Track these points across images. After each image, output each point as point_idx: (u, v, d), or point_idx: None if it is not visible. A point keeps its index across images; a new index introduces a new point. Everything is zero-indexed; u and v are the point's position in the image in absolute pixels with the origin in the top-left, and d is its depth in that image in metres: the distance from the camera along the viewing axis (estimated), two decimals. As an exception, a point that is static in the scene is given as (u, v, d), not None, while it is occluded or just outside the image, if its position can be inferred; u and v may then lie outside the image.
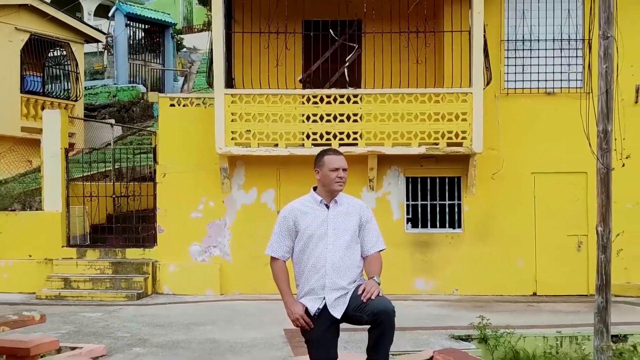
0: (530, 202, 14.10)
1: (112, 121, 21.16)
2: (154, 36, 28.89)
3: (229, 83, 13.94)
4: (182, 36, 34.39)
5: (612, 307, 13.00)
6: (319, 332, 4.89)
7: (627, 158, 13.93)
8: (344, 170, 5.17)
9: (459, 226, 14.29)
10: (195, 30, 38.29)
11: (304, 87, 14.25)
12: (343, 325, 5.07)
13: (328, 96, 13.53)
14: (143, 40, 28.66)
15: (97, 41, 24.33)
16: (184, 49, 32.23)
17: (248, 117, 13.53)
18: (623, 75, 13.77)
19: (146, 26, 28.20)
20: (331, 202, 5.15)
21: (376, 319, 4.69)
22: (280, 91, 13.61)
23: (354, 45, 14.02)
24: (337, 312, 4.84)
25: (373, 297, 4.72)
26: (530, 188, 14.10)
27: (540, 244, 14.07)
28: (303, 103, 13.59)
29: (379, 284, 4.85)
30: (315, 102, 13.53)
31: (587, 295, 13.75)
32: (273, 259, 5.17)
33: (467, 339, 9.92)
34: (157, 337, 10.00)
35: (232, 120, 13.51)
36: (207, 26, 37.91)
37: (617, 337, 10.13)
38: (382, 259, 5.18)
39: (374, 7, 13.85)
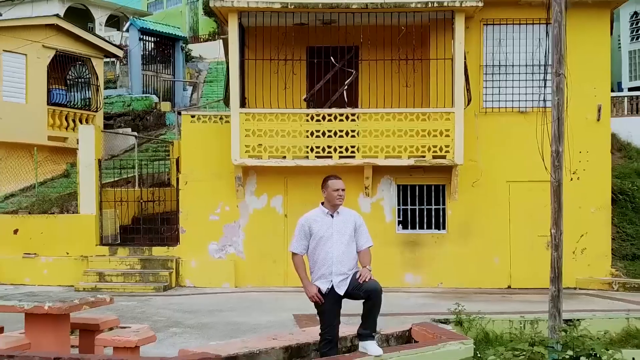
0: (506, 207, 16.15)
1: (135, 134, 23.07)
2: (165, 48, 30.83)
3: (243, 102, 15.97)
4: (188, 46, 36.31)
5: (574, 298, 15.17)
6: (328, 305, 6.94)
7: (584, 170, 15.97)
8: (343, 190, 7.19)
9: (444, 228, 16.35)
10: (201, 40, 40.25)
11: (308, 106, 16.30)
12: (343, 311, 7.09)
13: (329, 115, 15.58)
14: (154, 53, 30.59)
15: (116, 56, 26.31)
16: (192, 60, 34.12)
17: (260, 132, 15.58)
18: (587, 96, 16.01)
19: (157, 39, 30.08)
20: (334, 212, 7.18)
21: (369, 295, 6.75)
22: (287, 110, 15.67)
23: (352, 70, 16.04)
24: (341, 291, 6.89)
25: (367, 280, 6.77)
26: (506, 195, 16.15)
27: (514, 244, 16.12)
28: (307, 121, 15.64)
29: (370, 270, 6.89)
30: (318, 120, 15.58)
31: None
32: (294, 254, 7.19)
33: (445, 322, 11.92)
34: (188, 320, 12.03)
35: (246, 136, 15.56)
36: (213, 36, 40.03)
37: (571, 321, 12.14)
38: (371, 252, 7.19)
39: (368, 36, 15.91)
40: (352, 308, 7.65)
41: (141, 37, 29.20)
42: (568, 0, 15.46)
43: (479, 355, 9.99)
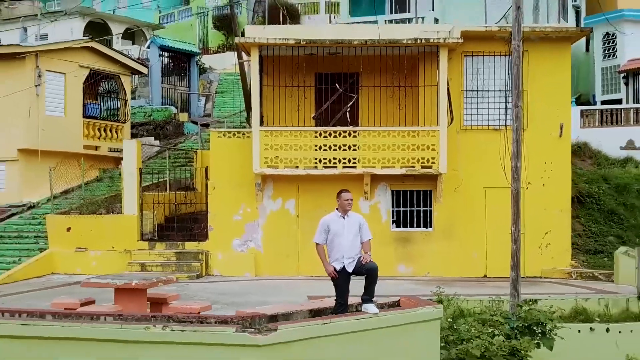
0: (482, 209, 19.16)
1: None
2: (181, 63, 33.81)
3: (261, 121, 18.97)
4: (198, 57, 39.24)
5: (539, 284, 18.17)
6: (341, 279, 9.98)
7: (548, 178, 19.04)
8: (351, 200, 10.22)
9: (430, 226, 19.41)
10: (211, 51, 43.23)
11: (316, 124, 19.35)
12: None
13: (334, 132, 18.62)
14: (172, 67, 33.54)
15: (141, 73, 29.27)
16: (205, 71, 37.02)
17: (276, 146, 18.62)
18: (552, 116, 19.06)
19: (174, 54, 32.99)
20: (345, 215, 10.22)
21: (368, 272, 9.82)
22: (299, 128, 18.72)
23: (353, 95, 19.09)
24: (350, 269, 9.94)
25: (367, 262, 9.82)
26: (482, 199, 19.16)
27: (489, 240, 19.10)
28: (316, 137, 18.68)
29: (370, 255, 9.93)
30: (325, 136, 18.62)
31: (522, 277, 18.77)
32: (317, 244, 10.21)
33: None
34: (224, 299, 15.05)
35: (264, 149, 18.59)
36: (222, 48, 43.04)
37: (530, 300, 15.14)
38: (370, 243, 10.21)
39: (367, 65, 18.97)
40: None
41: (160, 53, 32.22)
42: (535, 35, 18.70)
43: (454, 326, 13.05)
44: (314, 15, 42.02)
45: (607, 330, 15.12)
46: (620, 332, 15.17)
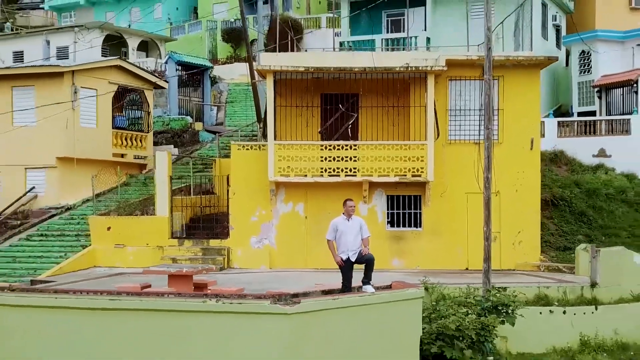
0: (464, 212, 22.31)
1: (191, 157, 29.04)
2: (195, 76, 36.99)
3: (275, 136, 22.11)
4: (210, 70, 42.35)
5: (512, 276, 21.28)
6: (346, 267, 13.22)
7: (521, 185, 22.22)
8: (353, 206, 13.43)
9: (420, 226, 22.58)
10: (220, 62, 46.35)
11: (322, 138, 22.53)
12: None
13: (337, 145, 21.80)
14: (187, 80, 36.72)
15: (162, 87, 32.39)
16: (216, 82, 40.09)
17: (288, 158, 21.78)
18: (524, 131, 22.20)
19: (189, 69, 36.15)
20: (349, 218, 13.42)
21: (367, 261, 13.07)
22: (307, 142, 21.91)
23: (353, 114, 22.28)
24: (353, 259, 13.18)
25: (366, 254, 13.03)
26: (465, 203, 22.29)
27: (470, 238, 22.19)
28: (322, 149, 21.86)
29: (368, 249, 13.13)
30: (330, 149, 21.80)
31: (499, 270, 21.96)
32: (328, 240, 13.41)
33: (416, 288, 18.10)
34: (248, 287, 18.15)
35: (278, 160, 21.76)
36: (230, 59, 46.16)
37: (500, 287, 18.25)
38: (369, 240, 13.40)
39: (366, 87, 22.15)
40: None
41: (177, 68, 35.40)
42: (509, 62, 21.85)
43: (437, 308, 16.19)
44: (316, 30, 45.19)
45: (564, 312, 18.28)
46: (575, 314, 18.34)
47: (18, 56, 45.17)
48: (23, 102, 27.39)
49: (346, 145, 21.83)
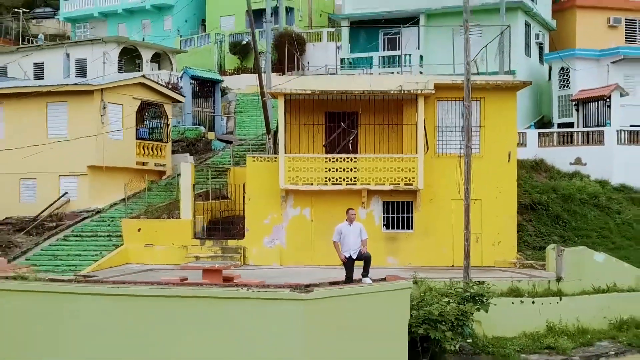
0: (451, 216, 25.44)
1: (210, 167, 32.17)
2: (207, 88, 40.16)
3: (285, 149, 25.29)
4: (221, 83, 45.50)
5: (491, 271, 24.51)
6: (349, 263, 16.55)
7: (499, 193, 25.43)
8: (354, 214, 16.68)
9: (412, 228, 25.78)
10: (227, 73, 49.46)
11: (326, 152, 25.73)
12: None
13: (340, 158, 25.02)
14: (199, 91, 39.85)
15: (179, 102, 35.55)
16: (226, 95, 43.23)
17: (297, 169, 24.99)
18: (502, 146, 25.36)
19: (201, 82, 39.31)
20: (351, 224, 16.69)
21: (365, 259, 16.34)
22: (313, 155, 25.13)
23: (354, 131, 25.49)
24: (354, 257, 16.47)
25: (365, 252, 16.29)
26: (451, 208, 25.42)
27: (455, 239, 25.27)
28: (326, 161, 25.07)
29: (366, 248, 16.38)
30: (333, 161, 25.02)
31: (480, 267, 25.15)
32: (334, 242, 16.67)
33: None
34: (267, 281, 21.34)
35: (288, 170, 24.97)
36: (237, 71, 49.33)
37: (479, 281, 21.42)
38: (367, 241, 16.66)
39: (364, 107, 25.37)
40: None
41: (191, 82, 38.59)
42: (489, 86, 25.05)
43: (424, 298, 19.39)
44: (317, 43, 48.40)
45: (533, 302, 21.48)
46: (542, 304, 21.54)
47: (38, 67, 48.35)
48: (57, 116, 30.57)
49: (347, 158, 25.05)
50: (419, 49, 36.95)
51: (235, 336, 15.20)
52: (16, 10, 69.66)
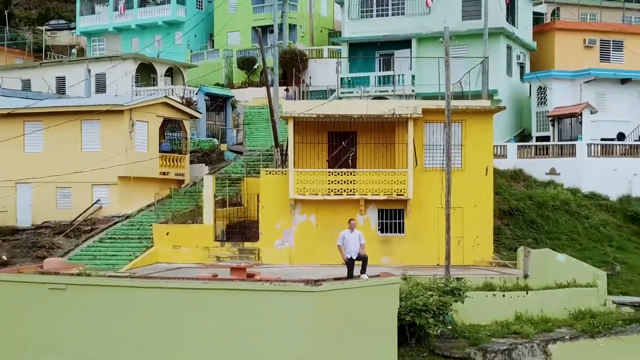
0: (437, 222, 29.44)
1: (228, 178, 36.16)
2: (219, 103, 44.20)
3: (294, 164, 29.35)
4: (232, 99, 49.48)
5: (470, 269, 28.72)
6: (350, 263, 20.71)
7: (478, 202, 29.52)
8: (355, 224, 20.86)
9: (403, 232, 29.88)
10: (235, 86, 53.50)
11: (329, 166, 29.81)
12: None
13: (341, 172, 29.11)
14: (211, 106, 43.88)
15: (196, 117, 39.59)
16: (235, 108, 47.25)
17: (304, 181, 29.09)
18: (481, 161, 29.46)
19: (214, 98, 43.36)
20: (352, 231, 20.86)
21: (363, 259, 20.55)
22: (318, 170, 29.26)
23: (353, 149, 29.58)
24: (354, 257, 20.61)
25: (363, 254, 20.44)
26: (437, 215, 29.41)
27: (441, 242, 29.22)
28: (329, 175, 29.17)
29: (364, 251, 20.52)
30: (335, 174, 29.11)
31: (461, 265, 29.21)
32: (339, 245, 20.84)
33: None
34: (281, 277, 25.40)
35: (296, 183, 29.06)
36: (244, 84, 53.37)
37: (458, 278, 25.42)
38: (365, 245, 20.81)
39: (362, 127, 29.48)
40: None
41: (206, 98, 42.65)
42: (470, 110, 29.11)
43: (411, 292, 23.46)
44: (319, 59, 52.45)
45: (504, 295, 25.48)
46: (511, 297, 25.53)
47: (60, 81, 52.29)
48: (90, 132, 34.63)
49: (347, 172, 29.16)
50: (411, 69, 41.01)
51: (259, 320, 19.21)
52: (36, 26, 73.70)
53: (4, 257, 31.06)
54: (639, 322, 25.42)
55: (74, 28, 72.52)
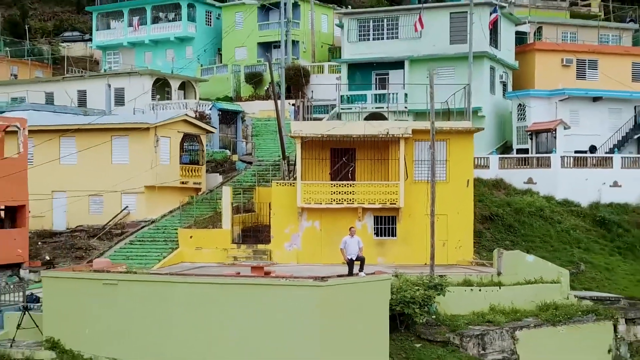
0: (425, 227, 33.93)
1: (243, 189, 40.77)
2: (230, 117, 48.77)
3: (302, 177, 33.93)
4: (242, 113, 53.83)
5: (452, 268, 33.36)
6: (350, 263, 25.40)
7: (460, 209, 34.11)
8: (355, 230, 25.53)
9: (395, 236, 34.49)
10: (243, 99, 57.96)
11: (332, 179, 34.40)
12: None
13: (341, 184, 33.71)
14: (224, 120, 48.46)
15: (211, 132, 44.17)
16: (244, 121, 51.75)
17: (310, 192, 33.69)
18: (463, 175, 34.13)
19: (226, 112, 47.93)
20: (352, 237, 25.53)
21: (361, 260, 25.26)
22: (322, 182, 33.85)
23: (352, 164, 34.18)
24: (354, 258, 25.33)
25: (361, 255, 25.12)
26: (424, 221, 33.86)
27: (428, 244, 33.81)
28: (331, 186, 33.78)
29: (362, 253, 25.17)
30: (336, 186, 33.72)
31: (445, 265, 33.76)
32: (341, 248, 25.56)
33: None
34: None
35: (304, 193, 33.66)
36: (251, 97, 57.93)
37: (441, 275, 29.96)
38: (362, 248, 25.49)
39: (360, 145, 34.08)
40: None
41: (219, 113, 47.23)
42: (453, 130, 33.84)
43: (401, 287, 28.05)
44: (320, 74, 57.00)
45: (480, 290, 30.08)
46: (486, 291, 30.11)
47: (82, 95, 56.64)
48: (120, 146, 39.17)
49: (347, 184, 33.77)
50: (404, 88, 45.61)
51: (276, 308, 23.70)
52: (52, 37, 78.18)
53: (47, 257, 35.59)
54: (595, 313, 30.07)
55: (88, 40, 77.24)
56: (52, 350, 25.13)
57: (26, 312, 26.15)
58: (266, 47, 62.44)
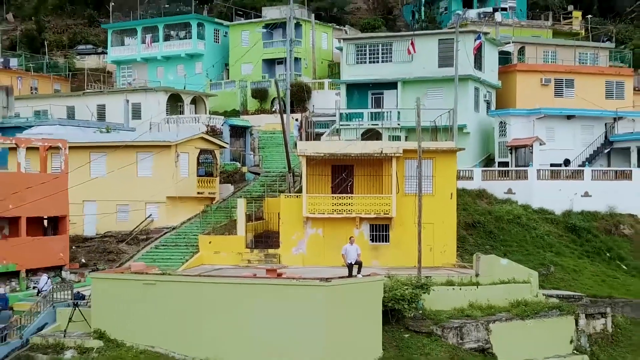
0: (414, 234, 38.96)
1: (253, 199, 45.83)
2: (239, 131, 53.73)
3: (307, 191, 38.92)
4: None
5: (437, 270, 38.53)
6: (350, 266, 30.49)
7: (445, 218, 39.15)
8: (354, 239, 30.58)
9: (389, 242, 39.48)
10: (249, 113, 62.88)
11: (333, 192, 39.40)
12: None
13: (341, 196, 38.72)
14: (234, 135, 53.38)
15: (225, 147, 49.13)
16: (252, 135, 56.64)
17: (314, 203, 38.71)
18: (447, 188, 39.30)
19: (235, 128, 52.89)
20: (352, 245, 30.63)
21: (358, 264, 30.37)
22: (324, 195, 38.85)
23: (350, 179, 39.18)
24: (353, 262, 30.45)
25: (359, 260, 30.23)
26: (414, 229, 38.86)
27: (417, 249, 38.97)
28: (333, 199, 38.79)
29: (359, 258, 30.24)
30: (337, 198, 38.72)
31: (432, 267, 38.73)
32: (342, 254, 30.68)
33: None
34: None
35: (309, 204, 38.66)
36: (257, 111, 62.90)
37: (427, 276, 34.86)
38: (360, 253, 30.55)
39: (357, 162, 39.09)
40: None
41: (230, 129, 52.21)
42: (438, 150, 38.96)
43: (393, 286, 33.03)
44: (320, 90, 61.96)
45: (460, 289, 35.03)
46: (466, 290, 35.02)
47: (101, 109, 61.49)
48: (144, 161, 44.08)
49: (346, 196, 38.80)
50: (397, 107, 50.65)
51: (288, 304, 28.66)
52: (67, 50, 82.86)
53: (83, 260, 40.55)
54: (559, 309, 35.06)
55: (101, 53, 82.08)
56: (100, 339, 30.01)
57: (76, 308, 31.04)
58: (270, 64, 67.45)
